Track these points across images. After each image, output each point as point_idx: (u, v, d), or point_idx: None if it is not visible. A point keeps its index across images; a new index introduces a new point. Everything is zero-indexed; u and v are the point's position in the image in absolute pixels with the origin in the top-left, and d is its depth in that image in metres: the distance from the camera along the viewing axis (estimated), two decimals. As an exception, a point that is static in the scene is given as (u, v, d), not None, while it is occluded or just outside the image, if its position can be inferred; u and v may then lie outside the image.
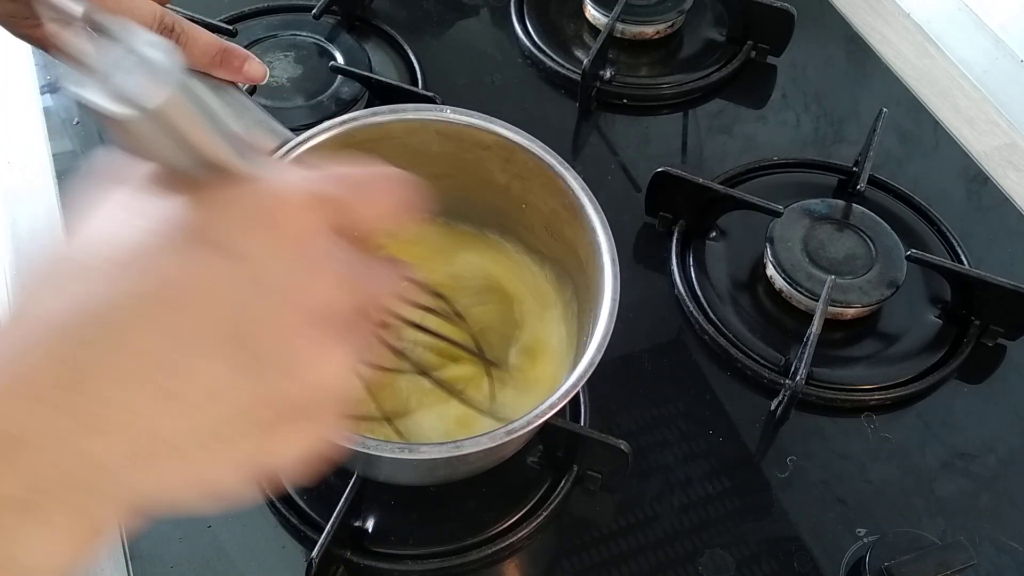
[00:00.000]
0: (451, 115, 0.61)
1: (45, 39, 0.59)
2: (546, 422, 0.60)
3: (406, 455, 0.49)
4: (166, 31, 0.56)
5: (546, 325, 0.63)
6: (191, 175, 0.29)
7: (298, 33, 0.88)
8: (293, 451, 0.31)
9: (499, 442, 0.49)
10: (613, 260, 0.56)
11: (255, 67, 0.61)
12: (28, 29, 0.58)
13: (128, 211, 0.29)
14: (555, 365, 0.61)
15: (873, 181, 0.80)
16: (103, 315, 0.27)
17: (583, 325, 0.58)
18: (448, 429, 0.58)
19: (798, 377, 0.65)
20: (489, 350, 0.60)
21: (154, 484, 0.28)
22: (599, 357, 0.52)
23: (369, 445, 0.49)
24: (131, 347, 0.27)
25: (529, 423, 0.50)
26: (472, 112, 0.61)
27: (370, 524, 0.61)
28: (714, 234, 0.78)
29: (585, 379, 0.52)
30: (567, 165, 0.59)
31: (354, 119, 0.59)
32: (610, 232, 0.57)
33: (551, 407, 0.50)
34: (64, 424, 0.26)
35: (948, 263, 0.75)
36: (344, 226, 0.31)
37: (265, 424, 0.29)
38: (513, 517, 0.62)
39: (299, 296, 0.29)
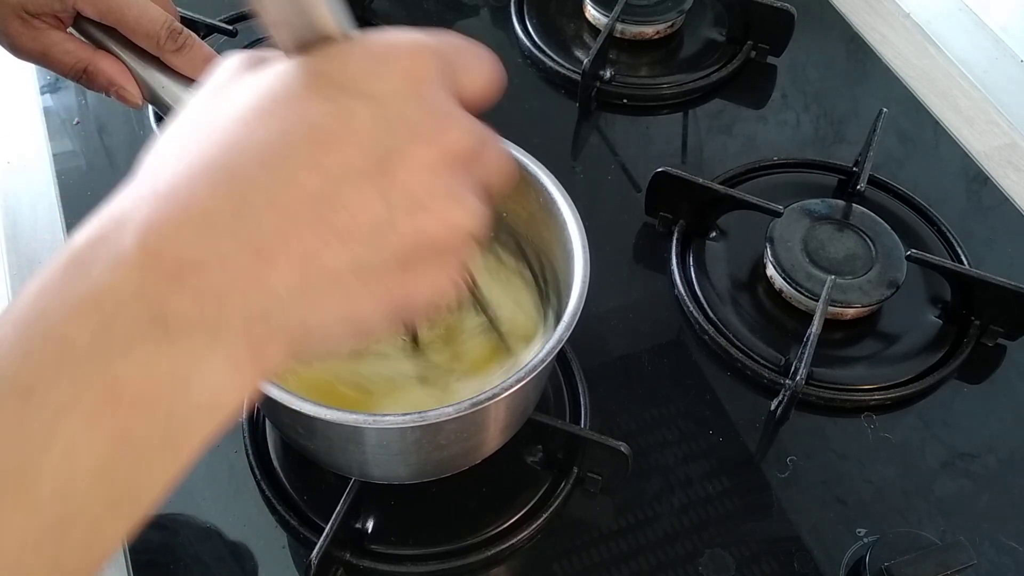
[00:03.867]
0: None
1: (46, 54, 0.59)
2: (546, 424, 0.61)
3: (370, 424, 0.49)
4: (174, 34, 0.57)
5: (522, 324, 0.63)
6: (295, 33, 0.30)
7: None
8: (429, 289, 0.32)
9: (464, 412, 0.49)
10: (584, 246, 0.56)
11: None
12: (30, 40, 0.58)
13: (259, 75, 0.30)
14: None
15: (873, 181, 0.80)
16: (260, 154, 0.28)
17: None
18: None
19: (798, 377, 0.65)
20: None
21: (320, 318, 0.29)
22: (567, 335, 0.53)
23: (336, 417, 0.49)
24: (294, 183, 0.28)
25: (494, 396, 0.50)
26: None
27: (370, 525, 0.61)
28: (714, 234, 0.78)
29: (553, 354, 0.52)
30: (540, 164, 0.59)
31: None
32: (581, 224, 0.57)
33: (517, 381, 0.50)
34: (241, 253, 0.27)
35: (948, 263, 0.75)
36: (452, 82, 0.32)
37: (408, 261, 0.30)
38: (513, 518, 0.62)
39: (434, 135, 0.30)
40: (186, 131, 0.30)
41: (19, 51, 0.60)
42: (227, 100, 0.30)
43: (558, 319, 0.62)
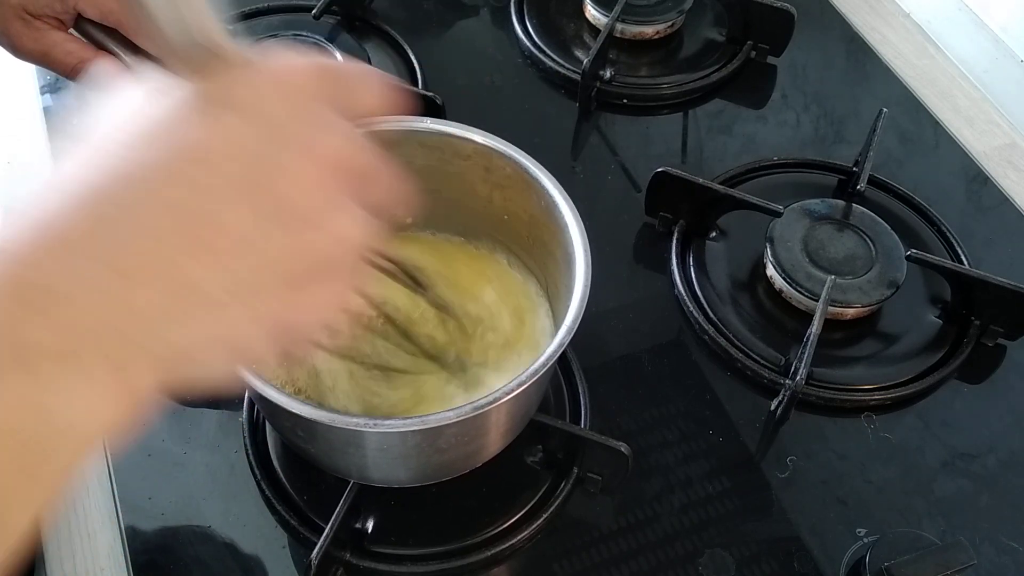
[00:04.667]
0: (429, 124, 0.61)
1: (47, 54, 0.59)
2: (546, 424, 0.61)
3: (370, 428, 0.49)
4: None
5: (525, 328, 0.63)
6: (191, 60, 0.30)
7: (298, 33, 0.88)
8: (317, 308, 0.31)
9: (464, 416, 0.49)
10: (585, 250, 0.56)
11: None
12: (31, 40, 0.58)
13: (143, 98, 0.30)
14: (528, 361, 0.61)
15: (873, 181, 0.80)
16: (133, 176, 0.28)
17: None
18: None
19: (798, 377, 0.65)
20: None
21: (188, 338, 0.29)
22: (568, 338, 0.52)
23: (335, 419, 0.49)
24: (162, 201, 0.28)
25: (495, 400, 0.50)
26: (450, 122, 0.61)
27: (370, 525, 0.61)
28: (714, 234, 0.78)
29: (555, 358, 0.52)
30: (540, 166, 0.59)
31: None
32: (583, 226, 0.57)
33: (519, 385, 0.50)
34: (101, 276, 0.27)
35: (948, 263, 0.74)
36: (340, 100, 0.32)
37: (292, 278, 0.30)
38: (513, 518, 0.62)
39: (316, 149, 0.30)
40: (76, 161, 0.30)
41: (20, 52, 0.60)
42: (119, 129, 0.30)
43: (555, 320, 0.63)
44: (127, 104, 0.31)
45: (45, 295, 0.27)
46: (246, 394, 0.65)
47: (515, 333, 0.63)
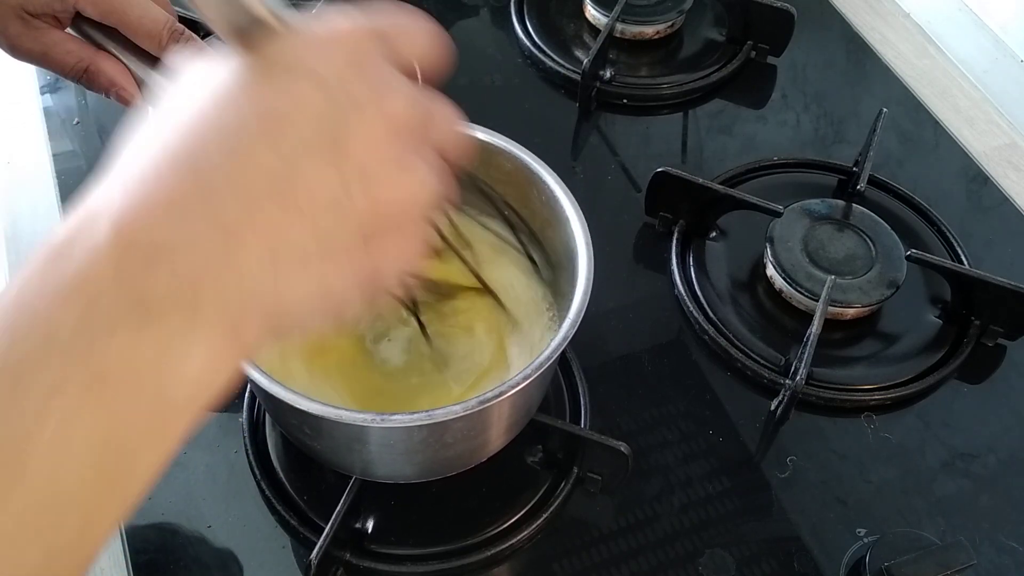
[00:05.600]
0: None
1: (46, 54, 0.59)
2: (546, 424, 0.61)
3: (377, 423, 0.49)
4: (175, 34, 0.58)
5: (522, 323, 0.63)
6: (246, 33, 0.31)
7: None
8: (395, 259, 0.33)
9: (471, 411, 0.49)
10: (587, 243, 0.56)
11: None
12: (30, 40, 0.58)
13: (215, 73, 0.31)
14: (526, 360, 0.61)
15: (873, 181, 0.80)
16: (219, 141, 0.29)
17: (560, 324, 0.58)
18: None
19: (798, 377, 0.65)
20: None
21: (291, 291, 0.30)
22: (572, 332, 0.53)
23: (342, 415, 0.49)
24: (253, 164, 0.29)
25: (501, 393, 0.50)
26: None
27: (370, 525, 0.61)
28: (714, 234, 0.78)
29: (559, 351, 0.52)
30: (542, 162, 0.59)
31: None
32: (584, 221, 0.57)
33: (524, 379, 0.50)
34: (210, 233, 0.28)
35: (948, 263, 0.74)
36: (394, 55, 0.33)
37: (373, 233, 0.31)
38: (513, 518, 0.62)
39: (378, 107, 0.31)
40: (152, 129, 0.31)
41: (19, 52, 0.60)
42: (188, 98, 0.31)
43: (557, 315, 0.63)
44: (196, 75, 0.32)
45: (159, 252, 0.28)
46: (246, 394, 0.65)
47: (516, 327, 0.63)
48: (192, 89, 0.31)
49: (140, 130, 0.31)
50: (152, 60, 0.58)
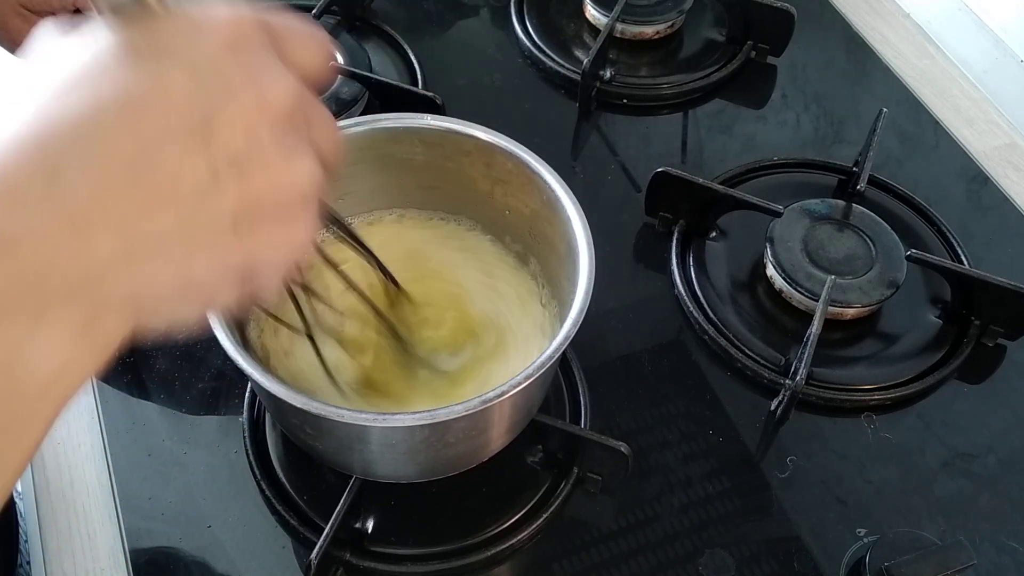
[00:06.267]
0: (431, 121, 0.61)
1: None
2: (546, 424, 0.61)
3: (379, 423, 0.49)
4: None
5: (522, 322, 0.63)
6: (122, 12, 0.30)
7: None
8: (272, 250, 0.31)
9: (473, 410, 0.49)
10: (589, 242, 0.56)
11: None
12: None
13: (72, 46, 0.30)
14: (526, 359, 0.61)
15: (873, 181, 0.80)
16: (72, 124, 0.28)
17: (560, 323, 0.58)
18: None
19: (798, 377, 0.65)
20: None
21: (149, 283, 0.29)
22: (574, 331, 0.53)
23: (344, 415, 0.49)
24: (108, 150, 0.28)
25: (503, 393, 0.50)
26: (451, 118, 0.61)
27: (370, 525, 0.61)
28: (714, 234, 0.78)
29: (562, 350, 0.52)
30: (542, 161, 0.59)
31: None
32: (585, 220, 0.57)
33: (526, 378, 0.50)
34: (56, 224, 0.27)
35: (948, 263, 0.74)
36: (276, 50, 0.32)
37: (247, 222, 0.30)
38: (513, 518, 0.62)
39: (253, 92, 0.30)
40: (5, 108, 0.29)
41: (19, 49, 0.60)
42: (41, 74, 0.29)
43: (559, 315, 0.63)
44: (56, 52, 0.30)
45: (4, 246, 0.26)
46: (246, 394, 0.65)
47: (516, 327, 0.63)
48: (48, 63, 0.29)
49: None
50: None
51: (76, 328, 0.28)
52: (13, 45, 0.59)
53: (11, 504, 0.65)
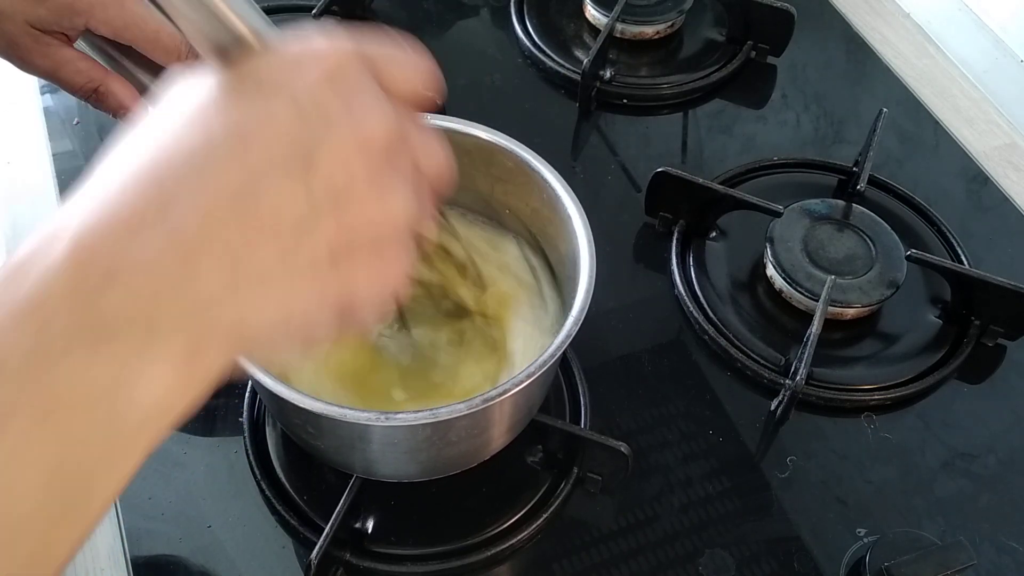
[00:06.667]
0: (431, 121, 0.61)
1: (56, 71, 0.59)
2: (546, 424, 0.61)
3: (382, 422, 0.49)
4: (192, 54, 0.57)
5: (526, 323, 0.63)
6: (225, 49, 0.31)
7: (298, 33, 0.88)
8: (369, 282, 0.32)
9: (475, 409, 0.49)
10: (590, 241, 0.56)
11: None
12: (40, 56, 0.58)
13: (187, 89, 0.31)
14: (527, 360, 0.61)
15: (873, 181, 0.80)
16: (184, 159, 0.29)
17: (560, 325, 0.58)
18: None
19: (798, 377, 0.65)
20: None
21: (253, 314, 0.29)
22: (575, 330, 0.53)
23: (347, 414, 0.49)
24: (215, 182, 0.28)
25: (505, 391, 0.50)
26: (451, 118, 0.61)
27: (370, 525, 0.61)
28: (714, 234, 0.78)
29: (563, 349, 0.52)
30: (543, 160, 0.59)
31: None
32: (586, 219, 0.57)
33: (527, 376, 0.51)
34: (169, 254, 0.27)
35: (948, 263, 0.74)
36: (377, 77, 0.32)
37: (345, 256, 0.30)
38: (513, 518, 0.62)
39: (352, 125, 0.30)
40: (125, 148, 0.30)
41: (29, 68, 0.59)
42: (162, 115, 0.30)
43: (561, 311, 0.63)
44: (175, 92, 0.31)
45: (116, 271, 0.27)
46: (246, 394, 0.65)
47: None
48: (168, 106, 0.31)
49: (115, 147, 0.30)
50: (168, 75, 0.58)
51: (179, 359, 0.28)
52: (24, 64, 0.59)
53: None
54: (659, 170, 0.76)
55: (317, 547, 0.55)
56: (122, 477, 0.28)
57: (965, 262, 0.77)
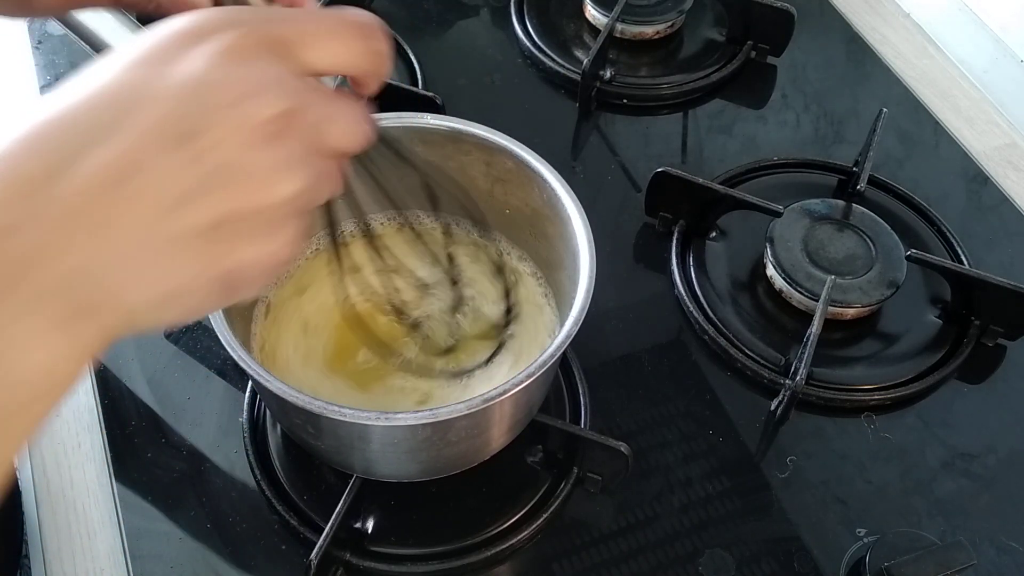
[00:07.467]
0: (431, 121, 0.61)
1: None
2: (546, 424, 0.61)
3: (382, 422, 0.49)
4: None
5: (525, 322, 0.63)
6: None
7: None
8: (256, 258, 0.31)
9: (475, 409, 0.49)
10: (590, 240, 0.56)
11: None
12: None
13: (138, 39, 0.31)
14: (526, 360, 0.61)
15: (873, 181, 0.80)
16: (82, 121, 0.28)
17: (561, 322, 0.58)
18: None
19: (798, 377, 0.65)
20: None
21: (130, 287, 0.29)
22: (576, 330, 0.53)
23: (346, 414, 0.49)
24: (104, 149, 0.28)
25: (505, 391, 0.50)
26: (451, 118, 0.61)
27: (370, 525, 0.61)
28: (714, 234, 0.78)
29: (563, 348, 0.52)
30: (543, 160, 0.60)
31: None
32: (586, 218, 0.57)
33: (528, 376, 0.51)
34: (46, 219, 0.27)
35: (948, 263, 0.74)
36: (286, 51, 0.31)
37: (227, 233, 0.30)
38: (513, 518, 0.62)
39: (244, 100, 0.30)
40: (48, 100, 0.30)
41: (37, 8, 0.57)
42: (95, 68, 0.30)
43: (559, 313, 0.63)
44: (129, 43, 0.31)
45: (2, 232, 0.27)
46: (246, 394, 0.65)
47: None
48: (101, 63, 0.30)
49: (47, 97, 0.30)
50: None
51: (59, 322, 0.28)
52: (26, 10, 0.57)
53: (15, 492, 0.65)
54: (659, 170, 0.76)
55: (317, 547, 0.55)
56: (12, 441, 0.28)
57: (965, 262, 0.77)
